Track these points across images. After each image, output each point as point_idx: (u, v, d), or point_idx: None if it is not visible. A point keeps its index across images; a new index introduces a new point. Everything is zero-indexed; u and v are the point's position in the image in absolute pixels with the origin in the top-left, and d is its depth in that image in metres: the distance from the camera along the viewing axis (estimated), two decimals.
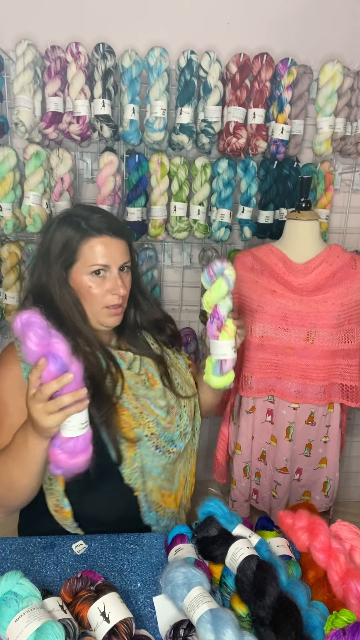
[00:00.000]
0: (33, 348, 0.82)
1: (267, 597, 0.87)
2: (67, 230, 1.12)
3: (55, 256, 1.12)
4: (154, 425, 1.19)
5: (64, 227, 1.13)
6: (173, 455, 1.23)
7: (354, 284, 1.53)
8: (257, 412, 1.66)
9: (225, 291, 1.17)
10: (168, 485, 1.26)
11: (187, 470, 1.36)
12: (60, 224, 1.14)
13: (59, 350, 0.83)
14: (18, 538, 1.13)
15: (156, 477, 1.22)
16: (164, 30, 1.73)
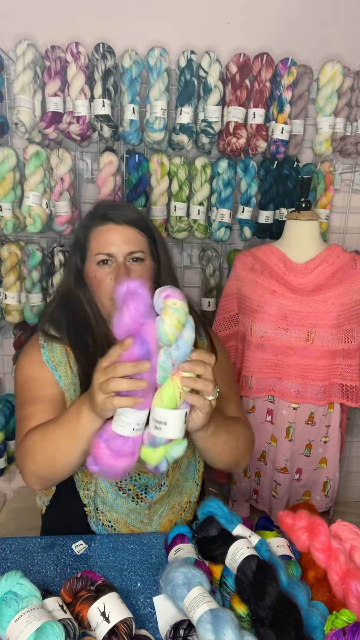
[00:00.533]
0: (127, 320, 0.75)
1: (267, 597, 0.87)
2: (81, 223, 1.15)
3: (71, 252, 1.15)
4: None
5: (81, 221, 1.16)
6: (143, 503, 1.14)
7: (354, 284, 1.53)
8: (257, 412, 1.66)
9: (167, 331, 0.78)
10: (141, 526, 1.17)
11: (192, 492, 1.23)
12: (80, 221, 1.17)
13: (148, 335, 0.76)
14: (18, 538, 1.13)
15: (123, 515, 1.15)
16: (164, 30, 1.73)
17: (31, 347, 1.15)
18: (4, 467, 2.01)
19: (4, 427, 1.95)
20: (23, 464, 1.01)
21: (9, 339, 2.01)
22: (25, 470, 1.01)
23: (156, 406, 0.80)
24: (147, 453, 0.84)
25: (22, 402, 1.11)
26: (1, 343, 2.05)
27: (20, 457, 1.01)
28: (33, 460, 0.98)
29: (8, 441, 2.00)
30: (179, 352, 0.78)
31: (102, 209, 1.14)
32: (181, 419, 0.81)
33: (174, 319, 0.76)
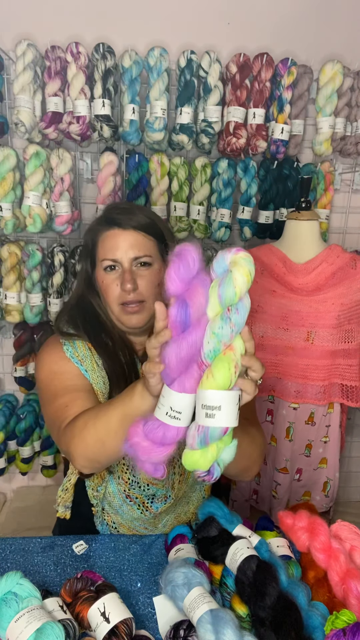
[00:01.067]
0: (174, 278, 0.69)
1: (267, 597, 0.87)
2: (89, 228, 1.14)
3: (81, 258, 1.18)
4: (127, 471, 1.12)
5: (90, 226, 1.15)
6: (148, 513, 1.15)
7: (354, 284, 1.53)
8: (257, 412, 1.66)
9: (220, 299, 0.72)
10: (144, 532, 1.19)
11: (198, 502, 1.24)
12: (90, 225, 1.16)
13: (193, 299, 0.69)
14: (18, 538, 1.14)
15: (128, 521, 1.17)
16: (164, 30, 1.73)
17: (51, 345, 1.13)
18: (4, 467, 2.01)
19: (4, 427, 1.95)
20: (72, 447, 0.95)
21: (9, 339, 2.01)
22: (75, 453, 0.95)
23: (207, 388, 0.69)
24: (195, 457, 0.72)
25: (53, 395, 1.06)
26: (1, 343, 2.05)
27: (68, 441, 0.95)
28: (84, 441, 0.93)
29: (8, 441, 2.00)
30: (239, 316, 0.70)
31: (110, 213, 1.13)
32: (235, 403, 0.70)
33: (246, 271, 0.71)
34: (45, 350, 1.13)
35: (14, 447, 2.02)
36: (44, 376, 1.10)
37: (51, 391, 1.07)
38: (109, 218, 1.11)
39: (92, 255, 1.12)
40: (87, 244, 1.15)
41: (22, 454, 2.01)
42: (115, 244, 1.08)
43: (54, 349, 1.12)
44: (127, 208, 1.16)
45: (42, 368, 1.11)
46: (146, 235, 1.10)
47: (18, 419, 2.01)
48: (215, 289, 0.70)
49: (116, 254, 1.08)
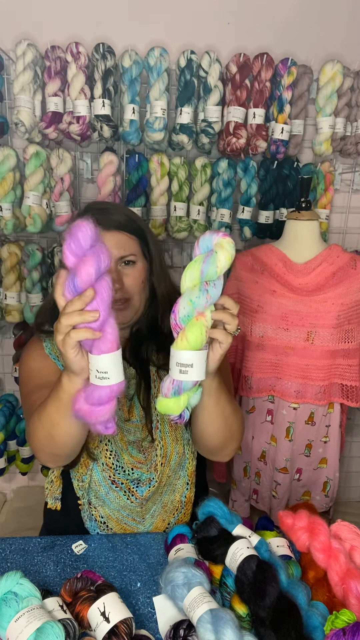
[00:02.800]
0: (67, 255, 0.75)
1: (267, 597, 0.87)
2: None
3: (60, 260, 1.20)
4: (111, 456, 1.14)
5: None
6: (135, 499, 1.15)
7: (354, 284, 1.53)
8: (257, 412, 1.66)
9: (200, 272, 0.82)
10: (133, 524, 1.19)
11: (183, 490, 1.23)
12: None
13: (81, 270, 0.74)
14: (18, 538, 1.14)
15: (115, 511, 1.17)
16: (164, 30, 1.73)
17: (32, 342, 1.21)
18: (4, 467, 2.01)
19: (4, 427, 1.95)
20: (31, 446, 1.04)
21: (9, 339, 2.01)
22: (34, 449, 1.04)
23: (180, 349, 0.81)
24: (169, 404, 0.84)
25: (28, 392, 1.12)
26: (1, 343, 2.05)
27: (28, 440, 1.07)
28: (36, 439, 0.98)
29: (8, 441, 2.00)
30: (216, 290, 0.81)
31: (90, 215, 1.12)
32: (204, 360, 0.83)
33: (229, 254, 0.80)
34: (27, 348, 1.21)
35: (14, 447, 2.02)
36: (23, 373, 1.17)
37: (28, 388, 1.13)
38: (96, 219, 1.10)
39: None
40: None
41: (22, 454, 2.01)
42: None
43: (34, 347, 1.18)
44: (105, 208, 1.16)
45: (22, 365, 1.18)
46: (128, 234, 1.12)
47: (18, 419, 2.01)
48: (199, 264, 0.81)
49: None
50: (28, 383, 1.14)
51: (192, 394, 0.86)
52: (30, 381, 1.13)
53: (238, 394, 1.70)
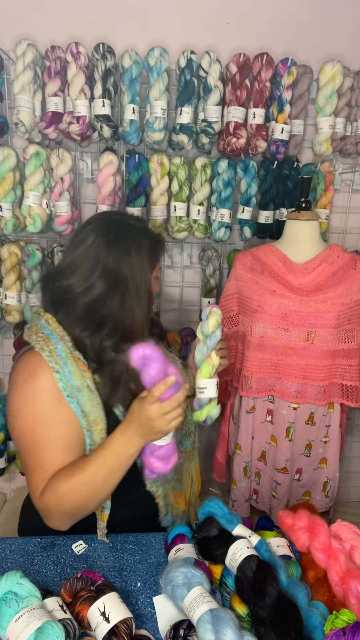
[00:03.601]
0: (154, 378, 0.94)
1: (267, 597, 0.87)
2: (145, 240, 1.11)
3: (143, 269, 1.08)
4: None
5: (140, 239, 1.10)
6: (182, 455, 1.25)
7: (354, 284, 1.53)
8: (257, 412, 1.66)
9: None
10: (179, 486, 1.30)
11: (192, 468, 1.38)
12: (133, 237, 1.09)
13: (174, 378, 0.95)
14: (18, 538, 1.14)
15: (170, 479, 1.24)
16: (164, 30, 1.73)
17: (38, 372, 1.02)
18: (4, 467, 2.01)
19: (3, 427, 1.95)
20: (50, 513, 1.02)
21: (9, 339, 2.01)
22: (52, 518, 1.03)
23: (199, 378, 1.16)
24: (196, 414, 1.18)
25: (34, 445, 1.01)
26: (1, 343, 2.05)
27: (46, 507, 1.00)
28: (65, 511, 1.01)
29: (8, 441, 2.00)
30: (212, 341, 1.18)
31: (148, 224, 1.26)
32: (215, 384, 1.17)
33: (214, 320, 1.18)
34: (31, 378, 1.02)
35: (14, 447, 2.02)
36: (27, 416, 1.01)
37: (32, 438, 1.01)
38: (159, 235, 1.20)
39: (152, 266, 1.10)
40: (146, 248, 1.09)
41: None
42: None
43: (44, 381, 1.01)
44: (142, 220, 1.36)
45: (22, 409, 1.01)
46: None
47: None
48: (199, 327, 1.21)
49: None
50: (33, 433, 1.00)
51: (211, 409, 1.17)
52: (38, 431, 1.00)
53: (238, 394, 1.70)
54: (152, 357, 0.91)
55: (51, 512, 1.01)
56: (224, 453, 1.83)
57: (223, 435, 1.82)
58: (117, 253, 1.05)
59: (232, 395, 1.76)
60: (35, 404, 1.00)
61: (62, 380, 1.01)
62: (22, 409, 1.01)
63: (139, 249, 1.08)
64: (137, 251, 1.07)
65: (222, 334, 1.20)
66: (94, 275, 1.03)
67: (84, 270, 1.04)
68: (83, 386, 1.03)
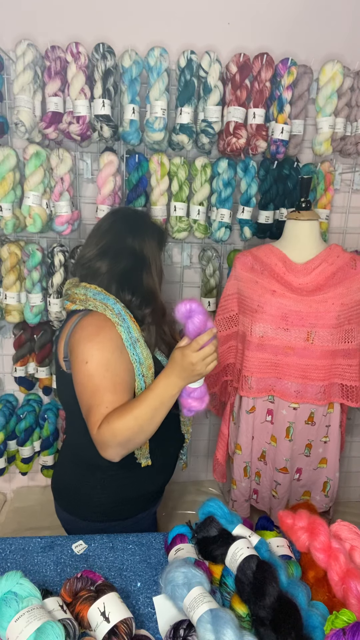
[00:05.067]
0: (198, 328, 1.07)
1: (267, 597, 0.87)
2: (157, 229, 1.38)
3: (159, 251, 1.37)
4: None
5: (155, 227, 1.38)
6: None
7: (354, 284, 1.53)
8: (257, 412, 1.66)
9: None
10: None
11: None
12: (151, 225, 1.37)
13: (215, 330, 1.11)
14: (18, 538, 1.14)
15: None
16: (164, 30, 1.73)
17: (105, 325, 1.19)
18: (4, 467, 2.01)
19: (3, 427, 1.95)
20: (106, 444, 1.11)
21: (9, 339, 2.01)
22: (107, 448, 1.12)
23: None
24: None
25: (99, 388, 1.14)
26: (1, 343, 2.05)
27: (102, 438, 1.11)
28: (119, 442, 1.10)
29: (8, 441, 2.00)
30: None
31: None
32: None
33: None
34: (100, 331, 1.19)
35: (14, 447, 2.02)
36: (97, 362, 1.15)
37: (100, 380, 1.15)
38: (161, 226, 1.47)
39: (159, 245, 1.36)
40: (161, 244, 1.38)
41: (22, 454, 2.01)
42: None
43: (111, 334, 1.19)
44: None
45: (94, 355, 1.16)
46: None
47: (18, 419, 2.01)
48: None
49: None
50: (102, 379, 1.14)
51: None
52: (105, 377, 1.15)
53: (238, 394, 1.70)
54: (197, 310, 1.06)
55: (107, 443, 1.11)
56: (224, 453, 1.83)
57: (223, 435, 1.82)
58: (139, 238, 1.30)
59: (232, 395, 1.76)
60: (104, 352, 1.16)
61: (125, 332, 1.20)
62: (93, 356, 1.16)
63: (153, 235, 1.34)
64: (152, 237, 1.33)
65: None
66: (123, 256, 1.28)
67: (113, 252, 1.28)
68: (139, 337, 1.22)
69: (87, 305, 1.22)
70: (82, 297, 1.24)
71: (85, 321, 1.21)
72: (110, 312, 1.20)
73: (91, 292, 1.24)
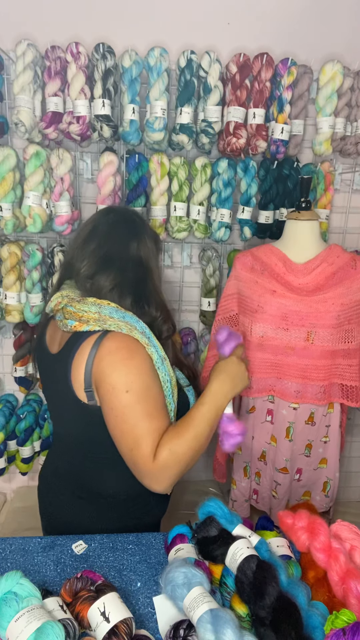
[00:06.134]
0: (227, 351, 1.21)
1: (267, 597, 0.87)
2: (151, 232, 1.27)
3: (155, 255, 1.24)
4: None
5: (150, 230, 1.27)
6: None
7: (354, 284, 1.53)
8: (257, 412, 1.66)
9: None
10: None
11: None
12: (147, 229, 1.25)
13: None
14: (18, 538, 1.14)
15: None
16: (164, 30, 1.73)
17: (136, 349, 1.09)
18: (4, 467, 2.01)
19: (3, 427, 1.95)
20: (165, 475, 1.06)
21: (9, 339, 2.01)
22: (165, 479, 1.06)
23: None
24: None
25: (147, 414, 1.06)
26: (1, 343, 2.05)
27: (162, 468, 1.04)
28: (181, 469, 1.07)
29: (8, 441, 2.00)
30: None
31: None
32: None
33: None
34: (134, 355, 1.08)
35: (14, 447, 2.02)
36: (138, 389, 1.05)
37: (145, 408, 1.06)
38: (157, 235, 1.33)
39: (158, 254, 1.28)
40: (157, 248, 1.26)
41: (22, 454, 2.01)
42: None
43: (144, 357, 1.09)
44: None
45: (134, 382, 1.06)
46: None
47: (18, 419, 2.01)
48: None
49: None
50: (148, 404, 1.06)
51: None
52: (150, 400, 1.06)
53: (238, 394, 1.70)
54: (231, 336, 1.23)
55: (169, 470, 1.05)
56: (224, 453, 1.83)
57: None
58: (142, 244, 1.19)
59: None
60: (142, 377, 1.07)
61: (155, 353, 1.12)
62: (133, 383, 1.05)
63: (150, 238, 1.23)
64: (150, 240, 1.22)
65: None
66: (129, 266, 1.17)
67: (118, 262, 1.16)
68: (165, 356, 1.15)
69: (107, 326, 1.07)
70: (96, 316, 1.08)
71: (112, 344, 1.07)
72: (137, 333, 1.09)
73: (106, 310, 1.09)
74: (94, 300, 1.11)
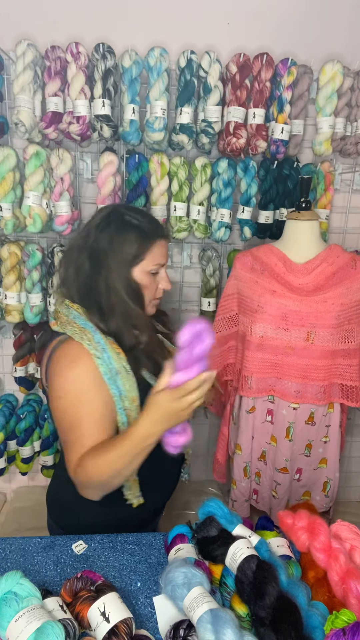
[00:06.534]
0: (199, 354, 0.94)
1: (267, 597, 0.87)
2: (131, 233, 1.16)
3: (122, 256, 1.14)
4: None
5: (127, 229, 1.16)
6: None
7: (354, 284, 1.53)
8: (257, 412, 1.66)
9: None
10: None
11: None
12: (120, 226, 1.16)
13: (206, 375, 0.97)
14: (18, 538, 1.14)
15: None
16: (164, 30, 1.73)
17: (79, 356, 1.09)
18: (4, 467, 2.01)
19: (3, 427, 1.95)
20: (82, 485, 1.07)
21: (9, 339, 2.01)
22: (84, 489, 1.08)
23: None
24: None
25: (76, 422, 1.07)
26: (1, 343, 2.05)
27: (79, 480, 1.06)
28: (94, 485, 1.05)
29: (8, 441, 2.00)
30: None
31: (157, 225, 1.23)
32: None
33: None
34: (73, 362, 1.09)
35: (14, 447, 2.02)
36: (71, 398, 1.08)
37: (74, 418, 1.07)
38: (160, 230, 1.22)
39: (140, 256, 1.16)
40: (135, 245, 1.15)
41: (22, 454, 2.01)
42: (165, 252, 1.23)
43: (85, 364, 1.09)
44: (152, 215, 1.30)
45: (69, 392, 1.08)
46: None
47: (18, 419, 2.01)
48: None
49: (164, 260, 1.22)
50: (77, 412, 1.07)
51: None
52: (80, 411, 1.07)
53: (238, 394, 1.70)
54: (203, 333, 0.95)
55: (83, 484, 1.06)
56: (224, 453, 1.83)
57: (223, 435, 1.82)
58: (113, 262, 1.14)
59: (232, 395, 1.76)
60: (79, 387, 1.08)
61: (103, 365, 1.09)
62: (67, 392, 1.08)
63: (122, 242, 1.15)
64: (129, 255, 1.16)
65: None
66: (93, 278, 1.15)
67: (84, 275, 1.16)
68: (121, 368, 1.11)
69: (67, 330, 1.12)
70: (64, 319, 1.14)
71: (61, 351, 1.11)
72: (87, 342, 1.09)
73: (73, 314, 1.14)
74: (68, 302, 1.17)
